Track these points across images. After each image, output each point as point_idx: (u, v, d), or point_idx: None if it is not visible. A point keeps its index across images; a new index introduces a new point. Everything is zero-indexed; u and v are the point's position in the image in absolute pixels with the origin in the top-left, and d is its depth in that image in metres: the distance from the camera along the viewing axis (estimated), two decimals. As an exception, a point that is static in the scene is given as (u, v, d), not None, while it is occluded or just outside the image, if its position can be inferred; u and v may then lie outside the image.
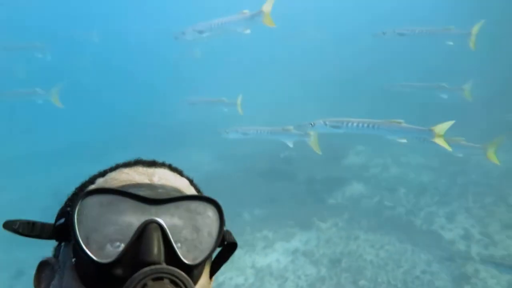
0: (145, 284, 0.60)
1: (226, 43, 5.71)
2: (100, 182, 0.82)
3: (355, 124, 5.22)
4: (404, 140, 5.13)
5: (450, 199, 7.86)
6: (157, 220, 0.69)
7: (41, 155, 11.64)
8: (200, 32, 5.99)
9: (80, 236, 0.66)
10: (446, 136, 5.07)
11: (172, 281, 0.63)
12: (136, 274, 0.62)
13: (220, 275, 6.23)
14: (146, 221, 0.69)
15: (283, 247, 6.84)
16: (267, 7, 5.52)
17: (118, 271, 0.66)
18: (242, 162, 9.55)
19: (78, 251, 0.67)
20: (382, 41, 7.42)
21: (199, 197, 0.76)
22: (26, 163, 11.26)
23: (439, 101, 7.35)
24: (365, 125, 5.14)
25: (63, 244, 0.76)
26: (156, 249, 0.66)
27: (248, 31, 5.75)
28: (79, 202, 0.69)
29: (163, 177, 0.84)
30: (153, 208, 0.71)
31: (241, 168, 9.36)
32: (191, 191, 0.88)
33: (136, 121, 12.36)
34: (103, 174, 0.86)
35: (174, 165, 0.95)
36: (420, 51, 12.09)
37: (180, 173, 0.93)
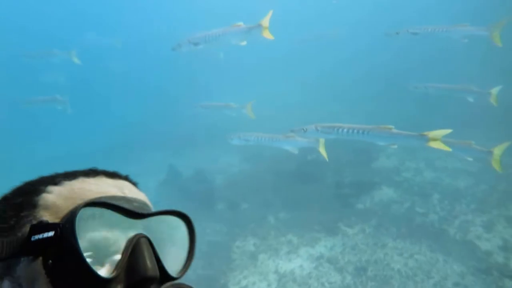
0: None
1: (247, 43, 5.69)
2: (63, 192, 0.76)
3: (345, 130, 5.15)
4: (395, 146, 5.05)
5: (489, 207, 7.37)
6: (146, 235, 0.71)
7: (78, 154, 12.25)
8: (195, 44, 6.05)
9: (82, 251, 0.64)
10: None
11: None
12: None
13: (242, 279, 6.26)
14: (137, 235, 0.70)
15: (308, 252, 6.73)
16: (265, 22, 5.53)
17: (113, 286, 0.65)
18: (269, 163, 9.50)
19: (74, 267, 0.63)
20: (409, 41, 7.13)
21: (176, 212, 0.79)
22: (66, 160, 11.92)
23: (464, 103, 6.96)
24: (356, 131, 5.07)
25: (23, 259, 0.68)
26: (152, 264, 0.68)
27: (244, 43, 5.77)
28: (77, 214, 0.65)
29: (131, 190, 0.84)
30: (139, 222, 0.74)
31: (268, 170, 9.33)
32: (150, 204, 0.89)
33: (163, 124, 12.69)
34: (55, 182, 0.79)
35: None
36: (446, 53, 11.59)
37: (136, 185, 0.92)
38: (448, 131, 4.65)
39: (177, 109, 10.29)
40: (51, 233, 0.66)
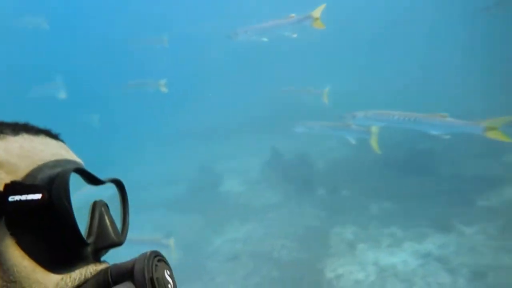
0: (156, 265, 0.64)
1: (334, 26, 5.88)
2: (12, 149, 0.66)
3: (396, 117, 5.10)
4: (448, 136, 4.76)
5: None
6: (105, 202, 0.74)
7: (190, 134, 13.50)
8: (250, 34, 6.56)
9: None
10: None
11: (165, 262, 0.68)
12: (146, 258, 0.63)
13: (339, 267, 6.08)
14: (101, 202, 0.73)
15: (413, 247, 6.14)
16: (316, 13, 5.70)
17: (86, 250, 0.67)
18: (373, 150, 8.92)
19: (56, 230, 0.63)
20: None
21: (116, 179, 0.79)
22: (180, 139, 13.31)
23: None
24: (407, 118, 4.98)
25: None
26: (117, 230, 0.72)
27: (295, 35, 6.05)
28: (69, 178, 0.65)
29: (72, 152, 0.80)
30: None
31: (371, 156, 8.67)
32: None
33: (263, 108, 13.02)
34: None
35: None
36: None
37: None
38: (509, 118, 3.90)
39: (275, 93, 10.50)
40: (37, 196, 0.62)
